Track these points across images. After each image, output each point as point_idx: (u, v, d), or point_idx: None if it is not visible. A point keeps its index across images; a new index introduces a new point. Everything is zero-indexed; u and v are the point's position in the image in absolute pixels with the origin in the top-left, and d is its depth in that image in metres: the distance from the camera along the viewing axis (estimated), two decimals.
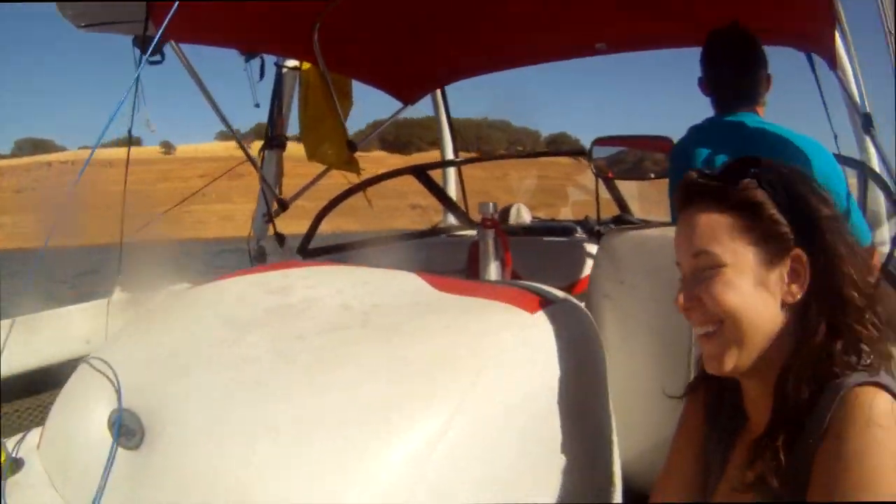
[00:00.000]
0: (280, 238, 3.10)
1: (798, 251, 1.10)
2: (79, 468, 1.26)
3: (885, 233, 2.66)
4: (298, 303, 1.40)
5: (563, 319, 1.36)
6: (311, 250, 3.22)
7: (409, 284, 1.48)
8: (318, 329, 1.27)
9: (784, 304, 1.10)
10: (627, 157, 3.41)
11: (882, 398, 0.98)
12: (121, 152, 2.95)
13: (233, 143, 3.25)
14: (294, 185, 3.43)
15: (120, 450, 1.15)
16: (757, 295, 1.09)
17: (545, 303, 1.37)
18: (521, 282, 1.55)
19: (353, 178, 3.50)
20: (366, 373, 1.13)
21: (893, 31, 1.72)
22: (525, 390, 1.22)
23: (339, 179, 3.50)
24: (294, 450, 1.03)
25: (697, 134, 2.42)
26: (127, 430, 1.14)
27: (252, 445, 1.04)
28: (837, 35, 2.67)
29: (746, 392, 1.16)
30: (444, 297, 1.39)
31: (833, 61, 2.86)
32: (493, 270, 2.09)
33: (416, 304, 1.36)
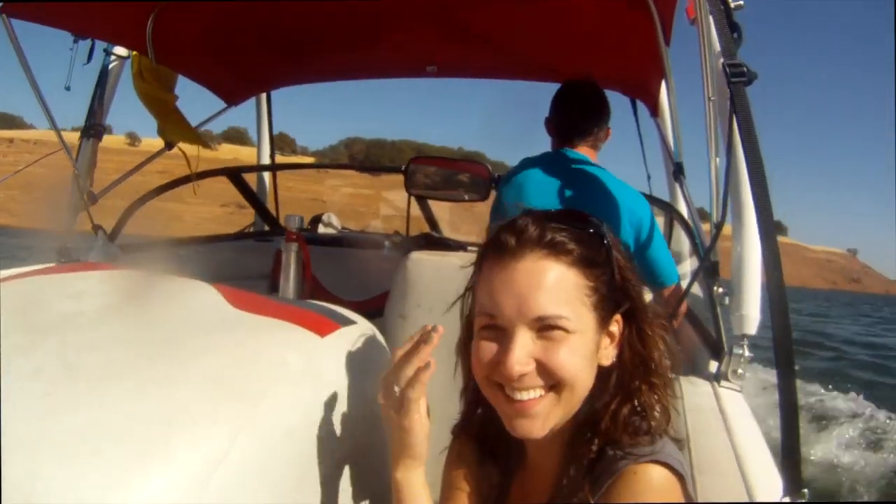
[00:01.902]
0: (96, 228, 2.94)
1: (618, 316, 1.11)
2: None
3: (685, 267, 2.94)
4: (93, 310, 1.37)
5: (353, 342, 1.40)
6: (119, 246, 3.11)
7: (205, 298, 1.46)
8: (108, 340, 1.25)
9: (599, 368, 1.10)
10: (442, 178, 3.52)
11: (658, 474, 1.01)
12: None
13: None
14: None
15: None
16: (589, 362, 1.08)
17: (336, 325, 1.40)
18: (317, 303, 1.57)
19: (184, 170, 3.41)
20: (153, 389, 1.12)
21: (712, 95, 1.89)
22: (310, 412, 1.24)
23: None
24: (80, 465, 1.00)
25: (535, 163, 2.55)
26: None
27: (36, 460, 1.00)
28: (663, 87, 2.88)
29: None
30: (239, 315, 1.38)
31: (655, 109, 3.08)
32: (292, 284, 2.10)
33: (208, 320, 1.36)
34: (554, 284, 1.04)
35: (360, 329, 1.46)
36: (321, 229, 3.96)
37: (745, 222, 1.77)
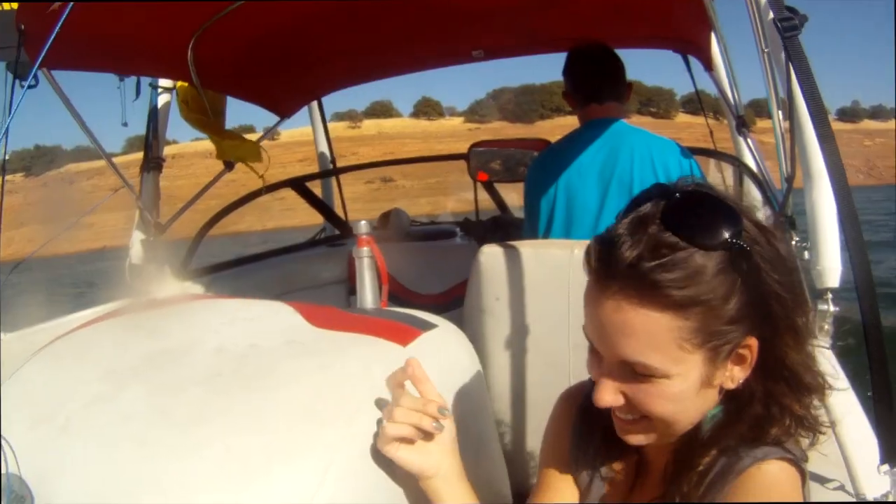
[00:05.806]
0: (163, 264, 3.02)
1: (751, 340, 0.93)
2: None
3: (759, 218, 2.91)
4: (175, 347, 1.39)
5: (436, 346, 1.39)
6: (193, 270, 3.17)
7: (284, 320, 1.47)
8: (194, 378, 1.27)
9: (721, 390, 0.98)
10: (502, 160, 3.51)
11: (786, 472, 0.94)
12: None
13: (339, 124, 3.21)
14: None
15: None
16: (698, 396, 0.95)
17: (417, 331, 1.39)
18: (396, 310, 1.57)
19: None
20: (245, 424, 1.14)
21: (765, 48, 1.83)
22: None
23: None
24: None
25: (562, 145, 2.52)
26: (17, 496, 1.09)
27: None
28: (713, 38, 2.82)
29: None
30: (319, 335, 1.39)
31: (708, 63, 3.01)
32: (368, 291, 2.11)
33: (290, 343, 1.36)
34: (641, 331, 0.89)
35: (441, 331, 1.45)
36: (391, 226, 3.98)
37: (813, 175, 1.72)
